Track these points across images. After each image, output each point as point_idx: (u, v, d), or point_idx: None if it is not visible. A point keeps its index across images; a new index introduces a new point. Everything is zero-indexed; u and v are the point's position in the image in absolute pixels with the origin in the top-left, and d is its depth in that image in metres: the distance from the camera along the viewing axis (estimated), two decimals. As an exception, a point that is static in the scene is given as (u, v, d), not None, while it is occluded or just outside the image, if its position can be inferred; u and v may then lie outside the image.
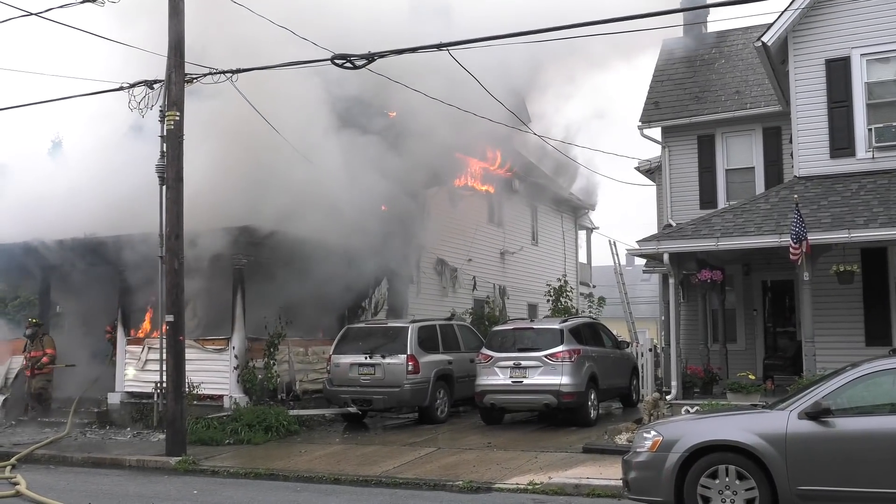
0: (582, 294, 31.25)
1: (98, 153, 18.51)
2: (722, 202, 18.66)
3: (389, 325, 17.91)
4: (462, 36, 13.51)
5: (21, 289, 21.46)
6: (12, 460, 13.84)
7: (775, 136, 18.75)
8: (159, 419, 16.03)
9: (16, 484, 11.63)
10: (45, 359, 18.06)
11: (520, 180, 26.89)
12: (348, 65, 13.07)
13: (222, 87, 14.41)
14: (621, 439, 13.34)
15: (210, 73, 14.40)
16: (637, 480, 8.67)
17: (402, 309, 21.54)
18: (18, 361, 19.28)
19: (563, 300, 24.74)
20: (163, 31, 14.16)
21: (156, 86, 14.64)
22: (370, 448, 14.24)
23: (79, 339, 19.53)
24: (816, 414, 8.06)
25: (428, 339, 17.23)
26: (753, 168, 18.95)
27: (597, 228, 35.62)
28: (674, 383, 15.22)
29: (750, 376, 14.88)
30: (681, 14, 22.09)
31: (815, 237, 13.46)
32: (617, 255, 28.19)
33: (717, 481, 8.26)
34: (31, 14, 14.56)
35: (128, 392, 17.83)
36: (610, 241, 31.72)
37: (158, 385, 15.77)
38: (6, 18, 14.73)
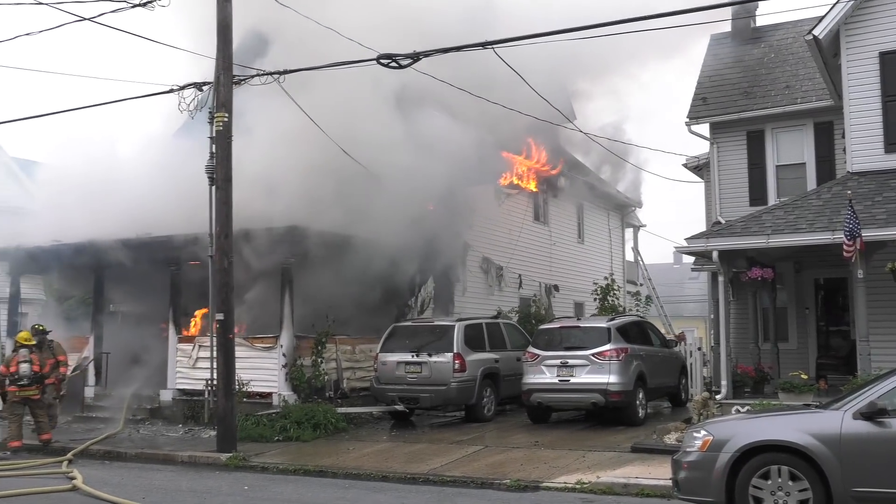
0: (629, 292, 31.01)
1: (149, 154, 18.85)
2: (772, 199, 18.37)
3: (436, 323, 17.97)
4: (506, 33, 13.49)
5: (76, 287, 21.91)
6: (69, 455, 14.17)
7: (827, 131, 18.40)
8: (210, 416, 16.27)
9: (73, 478, 11.91)
10: (62, 368, 16.75)
11: (566, 178, 26.78)
12: (393, 64, 13.15)
13: (274, 86, 14.59)
14: (670, 439, 13.22)
15: (258, 75, 14.60)
16: (687, 480, 8.58)
17: (447, 307, 21.59)
18: (74, 359, 19.70)
19: (609, 298, 24.56)
20: (211, 34, 14.37)
21: (205, 88, 14.88)
22: (417, 446, 14.30)
23: (132, 336, 19.90)
24: (872, 414, 7.90)
25: (474, 338, 17.24)
26: (804, 164, 18.62)
27: (644, 226, 35.35)
28: (724, 382, 15.04)
29: (802, 376, 14.64)
30: (729, 8, 21.76)
31: (869, 234, 13.18)
32: (642, 262, 28.26)
33: (770, 482, 8.14)
34: (84, 19, 14.88)
35: (179, 389, 18.16)
36: (633, 248, 31.79)
37: (209, 382, 16.00)
38: (60, 23, 15.07)
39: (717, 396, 14.99)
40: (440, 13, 17.48)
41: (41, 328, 16.96)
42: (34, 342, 15.76)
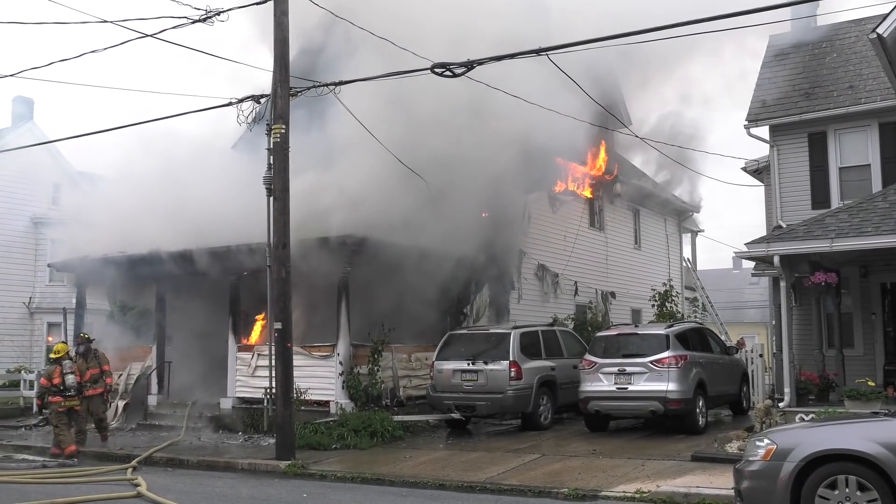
0: (687, 298, 30.58)
1: (210, 166, 19.16)
2: (835, 202, 17.92)
3: (491, 331, 17.90)
4: (559, 38, 13.41)
5: (139, 298, 22.38)
6: (133, 462, 14.47)
7: (892, 131, 17.88)
8: (269, 424, 16.44)
9: (137, 485, 12.18)
10: (108, 379, 17.30)
11: (621, 183, 26.54)
12: (448, 73, 13.16)
13: (328, 98, 14.76)
14: (732, 447, 12.96)
15: (314, 87, 14.76)
16: (750, 490, 8.39)
17: (503, 315, 21.53)
18: (138, 368, 20.16)
19: (668, 305, 24.22)
20: (269, 47, 14.60)
21: (262, 100, 15.11)
22: (474, 454, 14.26)
23: (192, 346, 20.25)
24: (945, 422, 7.64)
25: (530, 345, 17.16)
26: (869, 165, 18.11)
27: (702, 231, 34.84)
28: (787, 390, 14.70)
29: (869, 383, 14.24)
30: (788, 9, 21.32)
31: (938, 236, 12.77)
32: (690, 265, 27.87)
33: (837, 492, 7.92)
34: (146, 35, 15.25)
35: (239, 397, 18.40)
36: (686, 259, 31.45)
37: (268, 391, 16.19)
38: (123, 41, 15.47)
39: (780, 404, 14.66)
40: (493, 19, 17.45)
41: (87, 337, 17.60)
42: (66, 354, 16.20)
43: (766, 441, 8.46)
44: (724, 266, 56.23)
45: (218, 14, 14.50)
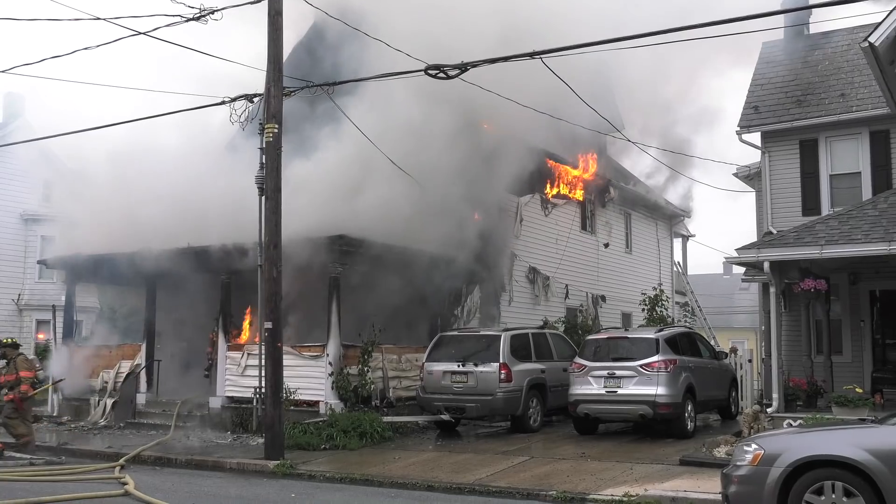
0: (677, 303, 30.69)
1: (198, 165, 19.13)
2: (826, 209, 18.01)
3: (482, 333, 17.92)
4: (554, 42, 13.43)
5: (129, 296, 22.30)
6: (121, 461, 14.42)
7: (883, 140, 17.99)
8: (258, 424, 16.42)
9: (125, 484, 12.14)
10: (23, 386, 15.45)
11: (613, 187, 26.61)
12: (441, 75, 13.16)
13: (321, 97, 14.76)
14: (720, 452, 13.01)
15: (307, 87, 14.75)
16: (737, 495, 8.44)
17: (494, 317, 21.56)
18: (127, 366, 20.09)
19: (658, 309, 24.29)
20: (262, 47, 14.59)
21: (255, 99, 15.07)
22: (463, 456, 14.27)
23: (182, 344, 20.20)
24: (931, 429, 7.69)
25: (520, 348, 17.17)
26: (860, 173, 18.21)
27: (693, 236, 34.98)
28: (775, 395, 14.76)
29: (857, 389, 14.32)
30: (781, 16, 21.41)
31: (927, 244, 12.84)
32: (680, 270, 27.98)
33: (823, 498, 7.97)
34: (139, 33, 15.21)
35: (228, 397, 18.36)
36: (676, 264, 31.66)
37: (257, 390, 16.17)
38: (117, 38, 15.42)
39: (769, 410, 14.72)
40: (485, 24, 17.49)
41: (8, 341, 16.51)
42: None
43: (754, 446, 8.50)
44: (714, 271, 56.41)
45: (212, 13, 14.47)
